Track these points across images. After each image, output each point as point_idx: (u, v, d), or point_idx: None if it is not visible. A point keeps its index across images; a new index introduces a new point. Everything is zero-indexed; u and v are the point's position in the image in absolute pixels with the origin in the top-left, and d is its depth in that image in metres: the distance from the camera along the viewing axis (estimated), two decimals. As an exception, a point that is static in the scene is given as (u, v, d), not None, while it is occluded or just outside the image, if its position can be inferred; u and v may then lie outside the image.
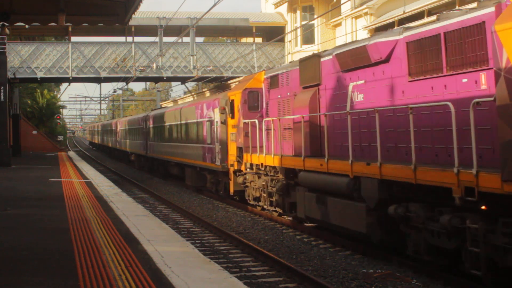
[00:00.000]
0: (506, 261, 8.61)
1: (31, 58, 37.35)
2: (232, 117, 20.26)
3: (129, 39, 39.13)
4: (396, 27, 20.51)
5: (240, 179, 19.65)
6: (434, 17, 12.61)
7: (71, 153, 56.50)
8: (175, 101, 58.31)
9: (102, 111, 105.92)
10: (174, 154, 30.61)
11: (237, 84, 21.90)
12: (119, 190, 20.12)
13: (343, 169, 12.73)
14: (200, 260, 8.74)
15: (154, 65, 37.19)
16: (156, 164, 36.91)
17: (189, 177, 27.52)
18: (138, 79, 40.52)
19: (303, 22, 36.04)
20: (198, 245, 14.03)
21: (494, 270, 9.04)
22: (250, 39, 42.40)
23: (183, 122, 28.99)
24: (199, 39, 46.08)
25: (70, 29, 37.94)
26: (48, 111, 64.62)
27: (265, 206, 17.95)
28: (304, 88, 15.67)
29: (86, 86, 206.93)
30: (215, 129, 22.55)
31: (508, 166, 8.15)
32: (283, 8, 38.45)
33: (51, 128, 67.85)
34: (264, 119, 17.74)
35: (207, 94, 44.23)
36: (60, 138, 70.59)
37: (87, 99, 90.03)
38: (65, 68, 37.60)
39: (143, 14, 37.48)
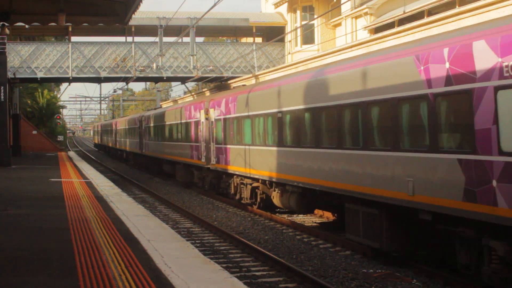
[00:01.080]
0: None
1: (31, 58, 37.34)
2: None
3: (129, 39, 39.16)
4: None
5: None
6: None
7: (71, 153, 56.49)
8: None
9: (102, 111, 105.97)
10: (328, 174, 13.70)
11: None
12: (119, 190, 20.11)
13: None
14: (200, 260, 8.73)
15: (154, 65, 37.19)
16: (223, 182, 22.38)
17: (373, 229, 11.94)
18: (138, 79, 40.54)
19: (303, 22, 36.06)
20: (198, 245, 14.03)
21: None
22: (250, 39, 42.42)
23: (360, 100, 12.10)
24: (199, 39, 46.15)
25: (70, 29, 37.96)
26: (48, 111, 64.65)
27: None
28: None
29: (86, 86, 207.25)
30: None
31: None
32: (283, 8, 38.47)
33: (51, 128, 67.88)
34: None
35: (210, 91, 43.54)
36: (60, 138, 70.61)
37: (87, 99, 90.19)
38: (65, 68, 37.60)
39: (143, 14, 37.51)
